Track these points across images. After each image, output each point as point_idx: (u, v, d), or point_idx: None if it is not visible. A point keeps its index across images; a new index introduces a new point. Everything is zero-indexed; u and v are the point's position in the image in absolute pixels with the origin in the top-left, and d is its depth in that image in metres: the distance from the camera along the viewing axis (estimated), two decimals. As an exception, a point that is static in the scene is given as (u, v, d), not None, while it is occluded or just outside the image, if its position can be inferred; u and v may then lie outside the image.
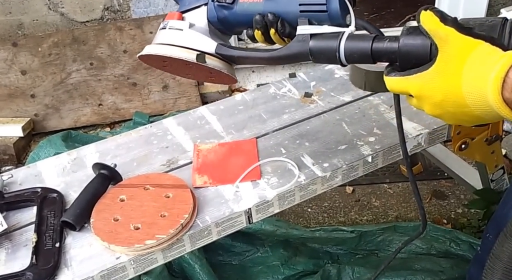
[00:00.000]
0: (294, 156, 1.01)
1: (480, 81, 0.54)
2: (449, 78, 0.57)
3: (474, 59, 0.56)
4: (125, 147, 1.09)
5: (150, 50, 0.75)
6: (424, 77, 0.59)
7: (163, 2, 2.30)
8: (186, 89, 2.35)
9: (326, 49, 0.69)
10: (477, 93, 0.55)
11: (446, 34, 0.57)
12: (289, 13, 0.71)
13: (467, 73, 0.56)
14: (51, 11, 2.31)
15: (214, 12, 0.75)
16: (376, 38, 0.66)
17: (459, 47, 0.57)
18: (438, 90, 0.58)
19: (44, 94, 2.27)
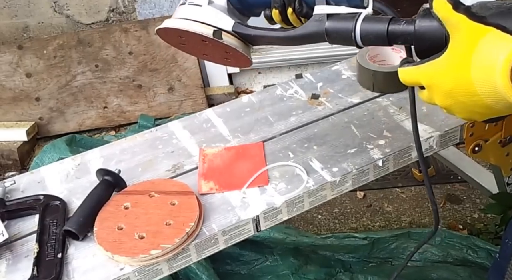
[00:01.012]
0: (302, 160, 0.99)
1: (489, 67, 0.54)
2: (458, 65, 0.57)
3: (483, 46, 0.56)
4: (130, 152, 1.08)
5: (167, 23, 0.76)
6: (434, 65, 0.59)
7: (168, 3, 2.30)
8: (192, 91, 2.34)
9: (342, 29, 0.69)
10: (486, 79, 0.55)
11: (457, 21, 0.57)
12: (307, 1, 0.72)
13: (476, 59, 0.56)
14: (57, 14, 2.32)
15: None
16: (392, 20, 0.66)
17: (469, 34, 0.57)
18: (448, 77, 0.58)
19: (49, 97, 2.28)
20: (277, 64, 2.41)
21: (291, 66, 2.44)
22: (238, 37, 0.77)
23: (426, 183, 0.77)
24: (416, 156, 0.99)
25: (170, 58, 2.28)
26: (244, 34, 0.76)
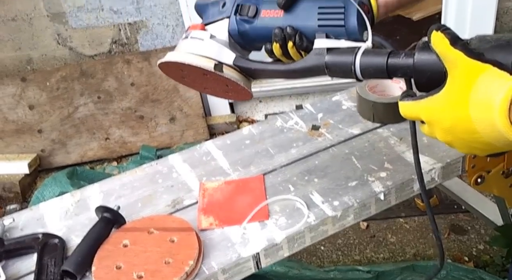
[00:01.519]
0: (302, 193, 0.99)
1: (487, 106, 0.54)
2: (457, 103, 0.57)
3: (480, 84, 0.55)
4: (129, 187, 1.08)
5: (169, 57, 0.77)
6: (433, 102, 0.59)
7: (170, 34, 2.33)
8: (193, 120, 2.35)
9: (342, 63, 0.70)
10: (485, 118, 0.54)
11: (454, 58, 0.57)
12: (308, 27, 0.73)
13: (474, 98, 0.55)
14: (60, 46, 2.35)
15: (235, 25, 0.78)
16: (391, 53, 0.66)
17: (467, 72, 0.57)
18: (447, 115, 0.58)
19: (51, 129, 2.29)
20: (278, 93, 2.43)
21: (292, 94, 2.45)
22: (239, 70, 0.78)
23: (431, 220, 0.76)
24: (418, 189, 0.98)
25: (172, 88, 2.30)
26: (245, 67, 0.77)
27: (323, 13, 0.72)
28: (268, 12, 0.76)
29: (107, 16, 2.28)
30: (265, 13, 0.76)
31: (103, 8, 2.27)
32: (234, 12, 0.77)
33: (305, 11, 0.74)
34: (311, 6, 0.73)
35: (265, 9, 0.76)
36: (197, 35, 0.77)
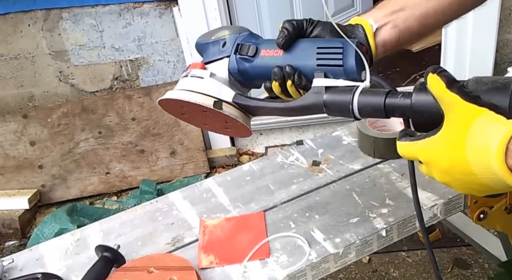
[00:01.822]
0: (304, 230, 0.97)
1: (484, 150, 0.54)
2: (453, 145, 0.57)
3: (477, 127, 0.56)
4: (129, 225, 1.07)
5: (169, 95, 0.78)
6: (431, 143, 0.60)
7: (171, 70, 2.36)
8: (193, 154, 2.35)
9: (340, 102, 0.70)
10: (482, 161, 0.55)
11: (450, 101, 0.58)
12: (306, 66, 0.74)
13: (470, 141, 0.56)
14: (62, 83, 2.38)
15: (235, 64, 0.79)
16: (389, 93, 0.67)
17: (463, 115, 0.57)
18: (444, 156, 0.58)
19: (51, 165, 2.28)
20: (279, 125, 2.44)
21: (292, 127, 2.46)
22: (238, 108, 0.78)
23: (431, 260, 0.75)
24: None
25: (173, 122, 2.31)
26: (244, 105, 0.78)
27: (322, 53, 0.73)
28: (267, 51, 0.77)
29: (108, 53, 2.32)
30: (265, 52, 0.77)
31: (104, 46, 2.30)
32: (234, 51, 0.78)
33: (304, 51, 0.75)
34: (310, 46, 0.75)
35: (264, 49, 0.77)
36: (197, 74, 0.78)
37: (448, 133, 0.58)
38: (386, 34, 0.77)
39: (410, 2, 0.78)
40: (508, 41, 2.17)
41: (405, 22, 0.77)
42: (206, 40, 0.81)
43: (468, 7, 0.82)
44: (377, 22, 0.76)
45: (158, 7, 2.20)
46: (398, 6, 0.78)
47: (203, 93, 0.76)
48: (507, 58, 2.20)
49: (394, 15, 0.77)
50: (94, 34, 2.27)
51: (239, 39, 0.78)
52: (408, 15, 0.77)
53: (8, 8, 2.19)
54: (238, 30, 0.80)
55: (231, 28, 0.81)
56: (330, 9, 2.72)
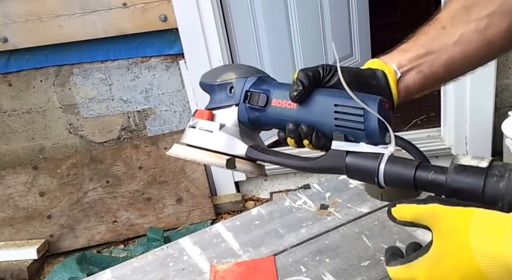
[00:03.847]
0: (314, 274, 0.94)
1: (499, 249, 0.48)
2: (458, 254, 0.51)
3: (478, 227, 0.51)
4: (141, 271, 1.04)
5: (180, 152, 0.72)
6: (428, 261, 0.54)
7: (177, 120, 2.37)
8: (199, 200, 2.32)
9: (364, 169, 0.62)
10: (497, 262, 0.49)
11: (432, 211, 0.53)
12: (324, 125, 0.66)
13: (477, 244, 0.50)
14: (71, 135, 2.38)
15: (245, 113, 0.72)
16: (420, 166, 0.59)
17: (454, 219, 0.52)
18: (451, 270, 0.52)
19: (60, 214, 2.25)
20: (283, 171, 2.42)
21: (297, 172, 2.44)
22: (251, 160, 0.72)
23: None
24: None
25: (179, 170, 2.30)
26: (259, 159, 0.71)
27: (340, 113, 0.65)
28: (280, 102, 0.69)
29: (117, 105, 2.34)
30: (277, 102, 0.69)
31: (113, 98, 2.33)
32: (243, 99, 0.71)
33: (320, 107, 0.66)
34: (327, 102, 0.66)
35: (276, 98, 0.69)
36: (206, 127, 0.71)
37: (445, 243, 0.52)
38: (410, 79, 0.70)
39: (436, 45, 0.71)
40: (507, 86, 2.19)
41: (431, 67, 0.71)
42: (211, 82, 0.74)
43: (495, 52, 0.75)
44: (401, 68, 0.70)
45: (165, 61, 2.24)
46: (424, 49, 0.71)
47: (214, 151, 0.70)
48: (507, 102, 2.21)
49: (420, 60, 0.70)
50: (103, 88, 2.30)
51: (248, 84, 0.71)
52: (434, 59, 0.70)
53: (22, 65, 2.24)
54: (245, 73, 0.72)
55: (237, 69, 0.73)
56: (329, 59, 2.77)
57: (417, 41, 0.72)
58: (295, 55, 2.58)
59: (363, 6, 2.86)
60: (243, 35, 2.33)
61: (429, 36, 0.72)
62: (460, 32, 0.70)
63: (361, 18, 2.85)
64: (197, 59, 2.15)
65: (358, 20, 2.84)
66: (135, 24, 2.10)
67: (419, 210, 0.54)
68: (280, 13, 2.46)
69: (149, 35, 2.16)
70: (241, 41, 2.32)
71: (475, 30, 0.70)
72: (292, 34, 2.54)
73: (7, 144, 2.38)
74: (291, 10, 2.49)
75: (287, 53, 2.55)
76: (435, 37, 0.71)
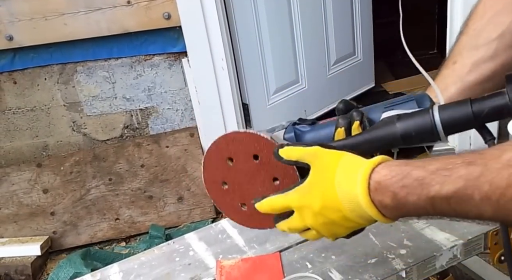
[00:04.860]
0: (321, 271, 0.93)
1: (350, 185, 0.60)
2: (325, 185, 0.62)
3: (342, 166, 0.61)
4: (148, 266, 1.04)
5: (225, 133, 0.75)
6: (302, 190, 0.64)
7: (179, 118, 2.36)
8: (200, 199, 2.31)
9: (418, 125, 0.61)
10: (349, 194, 0.60)
11: (313, 151, 0.64)
12: (374, 112, 0.69)
13: (339, 179, 0.61)
14: (75, 132, 2.37)
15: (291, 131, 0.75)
16: (474, 100, 0.60)
17: (328, 158, 0.63)
18: (317, 196, 0.62)
19: (63, 211, 2.24)
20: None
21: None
22: None
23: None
24: (440, 266, 0.93)
25: (180, 168, 2.29)
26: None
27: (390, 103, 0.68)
28: (325, 120, 0.73)
29: (120, 103, 2.32)
30: (323, 121, 0.73)
31: (116, 96, 2.31)
32: (292, 123, 0.75)
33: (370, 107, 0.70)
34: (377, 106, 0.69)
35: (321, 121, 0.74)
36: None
37: (317, 176, 0.63)
38: None
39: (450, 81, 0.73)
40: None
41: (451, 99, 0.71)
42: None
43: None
44: None
45: (168, 59, 2.23)
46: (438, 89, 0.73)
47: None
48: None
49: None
50: (106, 86, 2.29)
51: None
52: (452, 93, 0.72)
53: (27, 63, 2.22)
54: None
55: None
56: (331, 57, 2.75)
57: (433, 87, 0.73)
58: (297, 52, 2.57)
59: (366, 4, 2.81)
60: (246, 34, 2.31)
61: (443, 76, 0.74)
62: (471, 62, 0.72)
63: (364, 16, 2.81)
64: (200, 57, 2.14)
65: (361, 19, 2.80)
66: (139, 22, 2.09)
67: (303, 151, 0.64)
68: (283, 12, 2.45)
69: (152, 33, 2.15)
70: (244, 40, 2.30)
71: (485, 55, 0.72)
72: (294, 32, 2.51)
73: (12, 142, 2.37)
74: (294, 8, 2.47)
75: (290, 51, 2.54)
76: (448, 74, 0.74)
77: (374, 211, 0.59)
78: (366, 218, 0.61)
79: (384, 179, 0.58)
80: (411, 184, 0.56)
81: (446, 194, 0.53)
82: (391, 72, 3.27)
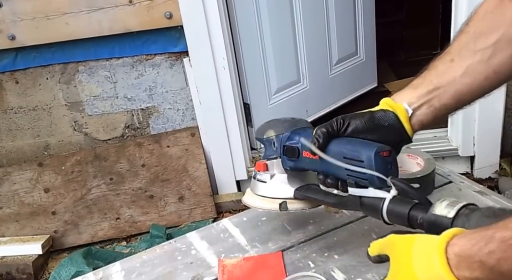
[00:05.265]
0: (323, 270, 0.93)
1: (430, 267, 0.56)
2: (404, 272, 0.59)
3: (417, 250, 0.59)
4: (150, 264, 1.03)
5: (247, 201, 0.96)
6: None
7: (180, 118, 2.36)
8: (201, 199, 2.31)
9: (372, 211, 0.77)
10: (431, 275, 0.56)
11: (389, 241, 0.64)
12: (339, 173, 0.80)
13: (416, 264, 0.58)
14: (76, 132, 2.37)
15: (286, 162, 0.89)
16: (414, 206, 0.70)
17: (402, 244, 0.61)
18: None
19: (64, 211, 2.24)
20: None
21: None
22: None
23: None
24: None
25: (181, 168, 2.29)
26: (303, 198, 0.90)
27: (349, 164, 0.77)
28: (307, 153, 0.84)
29: (121, 103, 2.33)
30: (305, 154, 0.84)
31: (117, 96, 2.32)
32: (282, 152, 0.88)
33: (335, 157, 0.78)
34: (338, 154, 0.78)
35: (304, 151, 0.84)
36: (261, 178, 0.92)
37: (396, 266, 0.61)
38: (422, 114, 0.76)
39: (445, 80, 0.75)
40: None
41: (440, 100, 0.75)
42: (261, 137, 0.91)
43: (502, 80, 0.78)
44: (412, 104, 0.76)
45: (169, 59, 2.23)
46: (432, 85, 0.75)
47: (269, 197, 0.90)
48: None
49: (430, 95, 0.75)
50: (108, 85, 2.29)
51: (284, 140, 0.87)
52: (443, 93, 0.75)
53: (29, 63, 2.22)
54: (281, 130, 0.88)
55: (275, 126, 0.89)
56: (333, 57, 2.75)
57: (427, 77, 0.77)
58: (299, 52, 2.56)
59: (369, 3, 2.80)
60: (247, 33, 2.31)
61: (437, 70, 0.76)
62: (466, 64, 0.74)
63: (366, 16, 2.80)
64: (201, 57, 2.14)
65: (364, 18, 2.78)
66: (140, 21, 2.09)
67: (381, 243, 0.65)
68: (285, 11, 2.45)
69: (154, 33, 2.15)
70: (245, 39, 2.30)
71: (481, 60, 0.73)
72: (296, 32, 2.51)
73: (13, 141, 2.37)
74: (296, 7, 2.47)
75: (291, 50, 2.54)
76: (444, 71, 0.76)
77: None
78: None
79: (464, 249, 0.52)
80: (498, 248, 0.49)
81: None
82: (393, 72, 3.27)
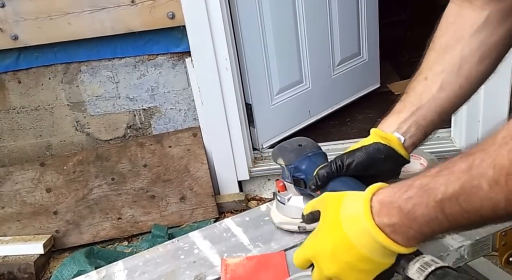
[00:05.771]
0: (326, 269, 0.94)
1: (355, 217, 0.58)
2: (331, 227, 0.61)
3: (345, 203, 0.61)
4: (153, 263, 1.03)
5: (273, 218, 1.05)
6: (313, 237, 0.64)
7: (182, 118, 2.36)
8: (203, 199, 2.32)
9: None
10: (356, 227, 0.58)
11: (322, 198, 0.67)
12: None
13: (343, 216, 0.60)
14: (78, 132, 2.38)
15: (297, 188, 0.93)
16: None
17: (331, 200, 0.64)
18: (326, 239, 0.61)
19: (66, 211, 2.24)
20: (285, 171, 2.41)
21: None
22: None
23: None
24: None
25: (183, 168, 2.29)
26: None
27: None
28: None
29: (123, 103, 2.33)
30: None
31: (119, 96, 2.32)
32: (293, 182, 0.93)
33: None
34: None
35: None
36: (281, 199, 0.99)
37: (324, 220, 0.63)
38: (412, 136, 0.78)
39: (424, 99, 0.78)
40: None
41: (426, 118, 0.78)
42: (275, 161, 0.96)
43: (477, 84, 0.81)
44: (400, 130, 0.77)
45: (172, 59, 2.24)
46: (414, 106, 0.78)
47: (289, 217, 0.99)
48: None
49: (414, 117, 0.77)
50: (110, 85, 2.30)
51: (292, 170, 0.90)
52: (426, 111, 0.77)
53: (31, 63, 2.23)
54: (288, 160, 0.91)
55: (283, 155, 0.93)
56: (336, 57, 2.74)
57: (407, 100, 0.80)
58: (302, 52, 2.56)
59: (372, 4, 2.79)
60: (250, 33, 2.32)
61: (415, 91, 0.79)
62: (440, 79, 0.77)
63: (370, 16, 2.78)
64: (204, 57, 2.15)
65: (367, 18, 2.77)
66: (143, 21, 2.10)
67: (314, 201, 0.68)
68: (287, 11, 2.44)
69: (156, 33, 2.15)
70: (247, 40, 2.31)
71: (451, 72, 0.76)
72: (299, 32, 2.50)
73: (15, 141, 2.38)
74: (298, 7, 2.46)
75: (294, 51, 2.53)
76: (421, 90, 0.78)
77: (382, 236, 0.55)
78: (381, 251, 0.56)
79: (386, 196, 0.55)
80: (416, 194, 0.52)
81: (453, 193, 0.50)
82: (396, 72, 3.27)
